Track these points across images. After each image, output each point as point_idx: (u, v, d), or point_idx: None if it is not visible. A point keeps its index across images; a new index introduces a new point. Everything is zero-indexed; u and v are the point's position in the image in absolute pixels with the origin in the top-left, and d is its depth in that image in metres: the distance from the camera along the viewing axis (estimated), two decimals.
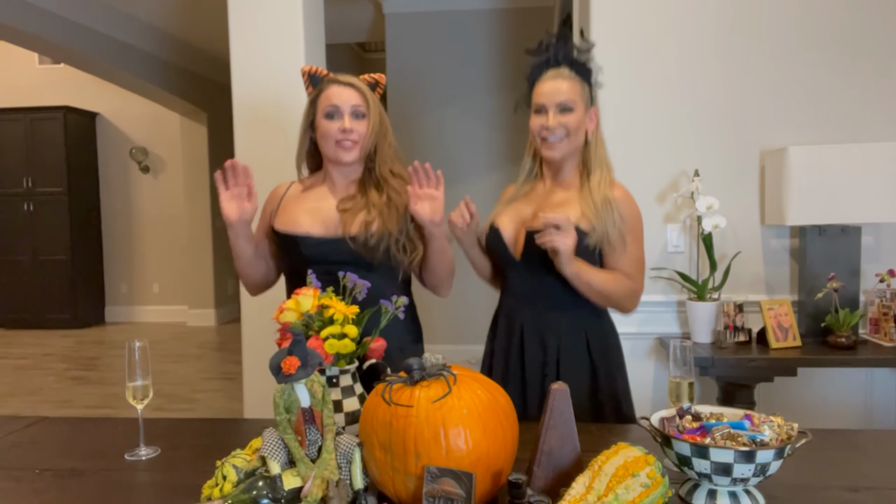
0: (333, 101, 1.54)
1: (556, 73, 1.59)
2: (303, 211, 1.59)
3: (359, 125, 1.55)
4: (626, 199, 1.58)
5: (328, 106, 1.54)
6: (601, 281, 1.53)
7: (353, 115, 1.55)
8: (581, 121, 1.58)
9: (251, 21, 2.67)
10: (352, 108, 1.55)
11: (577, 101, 1.57)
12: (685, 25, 2.58)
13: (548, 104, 1.57)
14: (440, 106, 4.95)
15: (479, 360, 5.82)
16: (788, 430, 1.05)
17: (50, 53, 4.94)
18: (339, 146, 1.55)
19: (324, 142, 1.57)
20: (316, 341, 1.22)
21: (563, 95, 1.56)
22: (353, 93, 1.55)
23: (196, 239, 7.28)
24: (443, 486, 0.93)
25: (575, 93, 1.57)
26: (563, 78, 1.58)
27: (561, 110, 1.56)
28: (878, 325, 2.44)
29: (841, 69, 2.55)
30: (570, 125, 1.56)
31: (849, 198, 2.36)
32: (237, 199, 1.49)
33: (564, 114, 1.56)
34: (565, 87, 1.57)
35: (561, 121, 1.56)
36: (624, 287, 1.56)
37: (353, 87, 1.56)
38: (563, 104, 1.56)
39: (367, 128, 1.56)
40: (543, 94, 1.58)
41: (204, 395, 4.66)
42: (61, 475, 1.24)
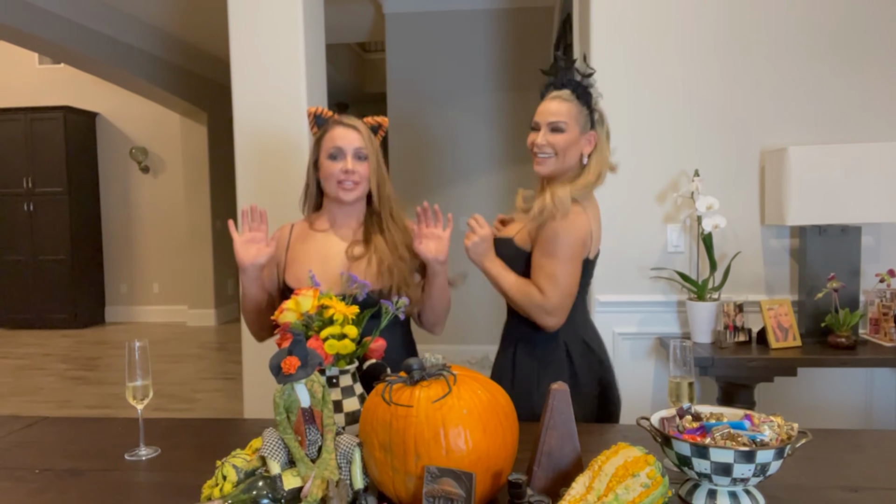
0: (337, 142, 1.59)
1: (557, 94, 1.68)
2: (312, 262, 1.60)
3: (361, 167, 1.59)
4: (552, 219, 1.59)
5: (332, 147, 1.59)
6: (507, 284, 1.63)
7: (355, 157, 1.59)
8: (572, 142, 1.65)
9: (251, 21, 2.67)
10: (354, 150, 1.59)
11: (569, 123, 1.64)
12: (685, 25, 2.58)
13: (541, 122, 1.67)
14: (440, 106, 4.95)
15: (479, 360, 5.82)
16: (788, 430, 1.05)
17: (50, 53, 4.94)
18: (340, 186, 1.58)
19: (326, 182, 1.61)
20: (316, 341, 1.23)
21: (555, 116, 1.65)
22: (356, 135, 1.60)
23: (196, 239, 7.28)
24: (443, 486, 0.93)
25: (569, 115, 1.65)
26: (561, 100, 1.66)
27: (552, 129, 1.65)
28: (878, 325, 2.44)
29: (841, 69, 2.55)
30: (557, 145, 1.65)
31: (849, 198, 2.36)
32: (252, 242, 1.53)
33: (554, 133, 1.65)
34: (560, 109, 1.65)
35: (549, 139, 1.65)
36: (528, 297, 1.60)
37: (356, 129, 1.61)
38: (555, 124, 1.65)
39: (368, 170, 1.60)
40: (539, 112, 1.69)
41: (204, 395, 4.66)
42: (61, 475, 1.24)
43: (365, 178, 1.60)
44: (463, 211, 4.92)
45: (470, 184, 4.91)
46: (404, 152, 4.95)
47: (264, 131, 2.69)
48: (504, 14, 4.89)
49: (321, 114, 1.65)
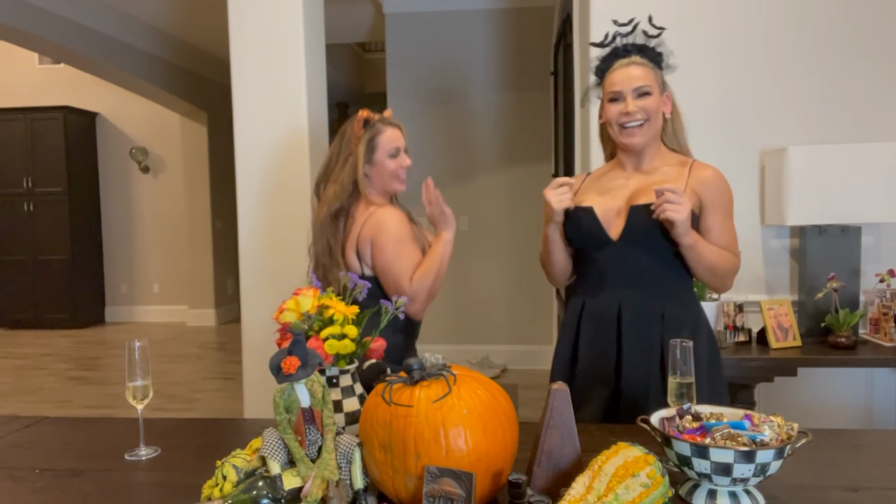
0: (397, 142, 1.85)
1: (629, 61, 1.59)
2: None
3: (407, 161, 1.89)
4: (718, 177, 1.58)
5: (393, 147, 1.84)
6: (713, 254, 1.52)
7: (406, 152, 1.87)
8: (658, 105, 1.58)
9: (251, 21, 2.67)
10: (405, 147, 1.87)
11: (652, 86, 1.57)
12: (685, 26, 2.58)
13: (625, 90, 1.56)
14: (440, 106, 4.95)
15: (479, 360, 5.80)
16: (788, 430, 1.05)
17: (50, 53, 4.94)
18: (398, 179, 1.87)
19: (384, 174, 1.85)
20: (316, 341, 1.22)
21: (639, 81, 1.56)
22: (401, 134, 1.88)
23: (196, 239, 7.28)
24: (443, 486, 0.93)
25: (650, 78, 1.57)
26: (636, 64, 1.58)
27: (638, 95, 1.56)
28: (878, 325, 2.44)
29: (841, 69, 2.55)
30: (649, 108, 1.56)
31: (849, 198, 2.36)
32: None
33: (643, 98, 1.56)
34: (640, 73, 1.57)
35: (640, 104, 1.56)
36: (730, 262, 1.56)
37: (401, 129, 1.89)
38: (640, 89, 1.56)
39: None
40: (618, 81, 1.57)
41: (204, 395, 4.66)
42: (61, 475, 1.24)
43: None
44: (463, 211, 4.93)
45: (470, 184, 4.91)
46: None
47: (264, 131, 2.69)
48: (504, 14, 4.89)
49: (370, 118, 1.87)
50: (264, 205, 2.69)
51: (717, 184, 1.57)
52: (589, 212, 1.59)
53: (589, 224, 1.58)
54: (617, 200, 1.60)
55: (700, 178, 1.56)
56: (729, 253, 1.56)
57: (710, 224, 1.56)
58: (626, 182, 1.62)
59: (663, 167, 1.61)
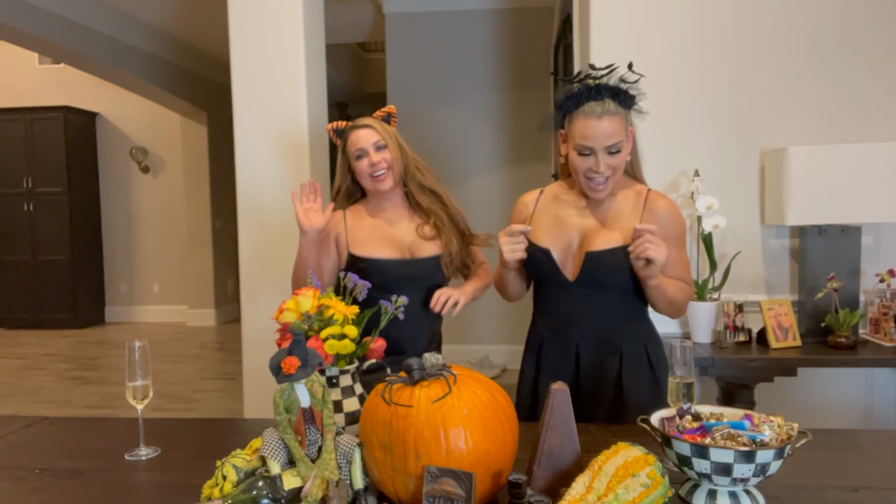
0: (358, 145, 1.80)
1: (602, 108, 1.48)
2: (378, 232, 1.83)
3: (384, 155, 1.79)
4: (673, 210, 1.57)
5: (356, 150, 1.80)
6: (674, 288, 1.54)
7: (376, 150, 1.79)
8: (626, 153, 1.54)
9: (251, 21, 2.67)
10: (373, 144, 1.79)
11: (623, 139, 1.51)
12: (685, 26, 2.58)
13: (595, 147, 1.49)
14: (440, 106, 4.95)
15: (479, 360, 5.80)
16: (788, 430, 1.05)
17: (50, 53, 4.94)
18: (374, 179, 1.79)
19: (363, 180, 1.82)
20: (316, 341, 1.23)
21: (611, 139, 1.49)
22: (370, 132, 1.80)
23: (196, 239, 7.28)
24: (443, 486, 0.93)
25: (621, 132, 1.50)
26: (609, 115, 1.48)
27: (609, 153, 1.50)
28: (878, 325, 2.44)
29: (841, 69, 2.55)
30: (618, 165, 1.52)
31: (849, 198, 2.36)
32: (310, 211, 1.73)
33: (612, 155, 1.50)
34: (612, 129, 1.49)
35: (609, 162, 1.50)
36: (687, 293, 1.59)
37: (368, 127, 1.81)
38: (613, 147, 1.50)
39: (393, 155, 1.80)
40: (590, 136, 1.49)
41: (204, 395, 4.66)
42: (61, 475, 1.24)
43: (389, 162, 1.79)
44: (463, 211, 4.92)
45: (470, 184, 4.91)
46: None
47: (264, 131, 2.69)
48: (504, 14, 4.89)
49: (338, 127, 1.86)
50: (264, 205, 2.69)
51: (672, 217, 1.56)
52: (546, 254, 1.57)
53: (546, 266, 1.58)
54: (570, 234, 1.59)
55: (655, 213, 1.55)
56: (684, 283, 1.58)
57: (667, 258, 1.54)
58: (579, 213, 1.60)
59: (618, 197, 1.59)
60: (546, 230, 1.61)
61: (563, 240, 1.59)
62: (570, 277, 1.56)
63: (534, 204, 1.69)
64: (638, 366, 1.58)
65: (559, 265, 1.57)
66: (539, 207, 1.68)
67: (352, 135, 1.82)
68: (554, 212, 1.64)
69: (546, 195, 1.69)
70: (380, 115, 1.87)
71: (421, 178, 1.87)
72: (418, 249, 1.82)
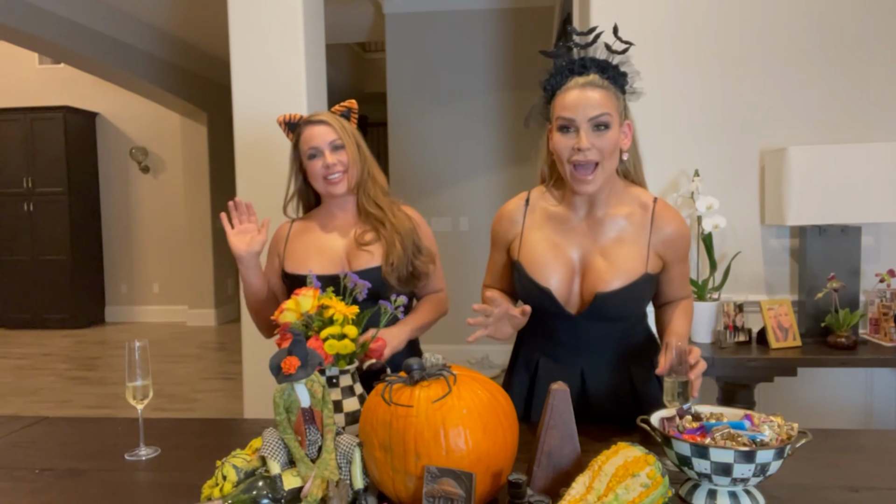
0: (312, 142, 1.61)
1: (586, 80, 1.32)
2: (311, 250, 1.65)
3: (340, 156, 1.61)
4: (681, 232, 1.42)
5: (309, 148, 1.61)
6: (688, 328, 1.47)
7: (331, 150, 1.61)
8: (617, 140, 1.33)
9: (251, 21, 2.67)
10: (329, 143, 1.61)
11: (612, 115, 1.31)
12: (685, 26, 2.58)
13: (578, 119, 1.30)
14: (440, 106, 4.95)
15: (479, 360, 5.79)
16: (788, 430, 1.05)
17: (50, 53, 4.94)
18: (327, 182, 1.61)
19: (314, 181, 1.64)
20: (316, 341, 1.22)
21: (596, 108, 1.29)
22: (326, 129, 1.61)
23: (196, 239, 7.28)
24: (443, 486, 0.93)
25: (610, 104, 1.31)
26: (594, 87, 1.31)
27: (595, 127, 1.30)
28: (878, 325, 2.44)
29: (841, 69, 2.55)
30: (605, 148, 1.31)
31: (849, 198, 2.36)
32: (244, 233, 1.58)
33: (599, 132, 1.31)
34: (598, 98, 1.30)
35: (595, 142, 1.30)
36: (691, 312, 1.52)
37: (325, 123, 1.62)
38: (598, 118, 1.30)
39: (348, 156, 1.62)
40: (571, 106, 1.31)
41: (204, 395, 4.66)
42: (61, 475, 1.24)
43: (346, 164, 1.61)
44: (462, 211, 4.93)
45: (470, 184, 4.91)
46: (404, 152, 4.95)
47: (264, 131, 2.68)
48: (504, 14, 4.89)
49: (290, 119, 1.66)
50: (264, 205, 2.68)
51: (681, 238, 1.42)
52: (547, 295, 1.39)
53: (547, 303, 1.41)
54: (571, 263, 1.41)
55: (663, 232, 1.40)
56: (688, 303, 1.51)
57: (673, 275, 1.46)
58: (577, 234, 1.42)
59: (619, 215, 1.41)
60: (541, 260, 1.41)
61: (564, 272, 1.40)
62: (574, 311, 1.41)
63: (521, 218, 1.48)
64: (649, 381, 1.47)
65: (562, 303, 1.40)
66: (528, 225, 1.47)
67: (305, 130, 1.62)
68: (545, 233, 1.44)
69: (534, 208, 1.48)
70: (338, 109, 1.68)
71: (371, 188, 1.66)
72: (355, 260, 1.61)
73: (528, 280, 1.42)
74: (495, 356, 4.92)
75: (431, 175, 4.89)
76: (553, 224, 1.45)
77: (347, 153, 1.62)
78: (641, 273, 1.38)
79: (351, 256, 1.62)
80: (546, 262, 1.41)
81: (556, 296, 1.39)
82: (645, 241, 1.39)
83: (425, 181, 4.89)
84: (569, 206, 1.44)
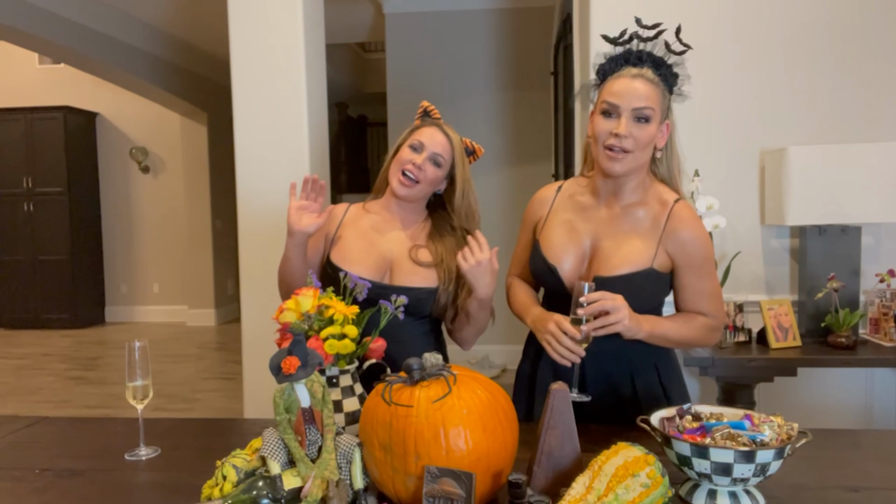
0: (423, 138, 1.59)
1: (638, 72, 1.37)
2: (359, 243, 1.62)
3: (430, 169, 1.58)
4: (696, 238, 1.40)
5: (417, 140, 1.59)
6: (676, 330, 1.40)
7: (430, 159, 1.58)
8: (654, 135, 1.37)
9: (251, 21, 2.67)
10: (433, 153, 1.58)
11: (655, 111, 1.35)
12: (685, 26, 2.57)
13: (622, 107, 1.34)
14: (440, 106, 4.90)
15: (479, 360, 5.79)
16: (788, 430, 1.05)
17: (50, 53, 4.94)
18: (401, 176, 1.58)
19: (394, 166, 1.61)
20: (316, 341, 1.22)
21: (642, 100, 1.33)
22: (444, 140, 1.60)
23: (196, 239, 7.28)
24: (443, 486, 0.93)
25: (656, 99, 1.35)
26: (644, 79, 1.36)
27: (636, 118, 1.34)
28: (878, 325, 2.44)
29: (841, 69, 2.55)
30: (642, 139, 1.35)
31: (849, 198, 2.36)
32: (305, 210, 1.54)
33: (640, 124, 1.34)
34: (646, 91, 1.34)
35: (634, 132, 1.34)
36: (699, 328, 1.42)
37: (447, 136, 1.60)
38: (641, 112, 1.34)
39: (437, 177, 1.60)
40: (618, 93, 1.35)
41: (204, 395, 4.66)
42: (61, 475, 1.24)
43: (428, 182, 1.59)
44: None
45: None
46: None
47: (264, 131, 2.69)
48: (504, 14, 4.89)
49: (430, 111, 1.66)
50: (264, 205, 2.69)
51: (694, 242, 1.40)
52: (553, 272, 1.44)
53: (552, 282, 1.46)
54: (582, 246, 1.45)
55: (675, 238, 1.39)
56: (697, 317, 1.42)
57: (685, 283, 1.42)
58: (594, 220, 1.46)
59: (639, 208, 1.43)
60: (557, 240, 1.47)
61: (574, 253, 1.45)
62: None
63: (551, 202, 1.54)
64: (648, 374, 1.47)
65: (567, 284, 1.43)
66: (555, 208, 1.53)
67: (430, 128, 1.61)
68: (567, 217, 1.49)
69: (563, 192, 1.54)
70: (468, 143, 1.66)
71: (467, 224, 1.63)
72: (399, 274, 1.58)
73: (540, 257, 1.47)
74: (495, 356, 4.92)
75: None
76: (577, 209, 1.49)
77: (439, 173, 1.60)
78: (646, 266, 1.39)
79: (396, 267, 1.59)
80: (560, 244, 1.46)
81: (564, 278, 1.43)
82: (656, 237, 1.41)
83: None
84: (594, 193, 1.48)
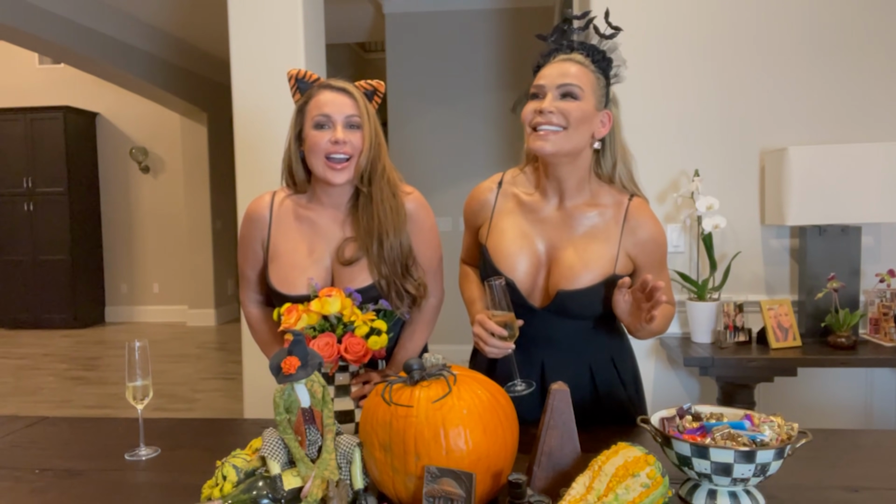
0: (325, 109, 1.34)
1: (567, 56, 1.34)
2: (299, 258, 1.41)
3: (353, 136, 1.35)
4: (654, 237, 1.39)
5: (318, 115, 1.34)
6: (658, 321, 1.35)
7: (346, 126, 1.35)
8: (587, 116, 1.31)
9: (251, 21, 2.67)
10: (346, 117, 1.35)
11: (585, 91, 1.30)
12: (685, 26, 2.58)
13: (547, 85, 1.31)
14: (440, 106, 4.95)
15: None
16: (788, 430, 1.05)
17: (50, 53, 4.94)
18: (329, 163, 1.34)
19: (313, 156, 1.36)
20: (352, 338, 1.22)
21: (567, 78, 1.30)
22: (347, 100, 1.35)
23: (196, 239, 7.28)
24: (443, 486, 0.93)
25: (585, 80, 1.31)
26: (573, 62, 1.32)
27: (563, 95, 1.30)
28: (878, 325, 2.44)
29: (840, 69, 2.55)
30: (570, 114, 1.28)
31: (849, 198, 2.36)
32: None
33: (566, 100, 1.30)
34: (573, 71, 1.31)
35: (560, 106, 1.29)
36: (670, 317, 1.44)
37: (347, 93, 1.36)
38: (567, 88, 1.29)
39: (363, 141, 1.36)
40: (544, 75, 1.33)
41: (204, 395, 4.66)
42: (61, 475, 1.24)
43: (358, 150, 1.35)
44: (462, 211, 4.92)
45: (470, 184, 4.88)
46: (404, 152, 4.95)
47: (264, 131, 2.68)
48: (504, 14, 4.89)
49: (304, 77, 1.40)
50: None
51: (654, 241, 1.39)
52: (510, 285, 1.36)
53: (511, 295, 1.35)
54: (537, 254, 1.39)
55: (635, 233, 1.37)
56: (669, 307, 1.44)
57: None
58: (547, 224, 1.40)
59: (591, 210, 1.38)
60: (508, 249, 1.39)
61: (528, 260, 1.38)
62: (537, 305, 1.38)
63: (492, 204, 1.45)
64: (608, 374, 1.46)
65: (524, 295, 1.38)
66: (498, 210, 1.44)
67: (321, 94, 1.36)
68: (515, 220, 1.41)
69: (506, 193, 1.45)
70: (364, 86, 1.42)
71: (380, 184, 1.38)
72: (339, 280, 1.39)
73: (492, 268, 1.39)
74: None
75: (431, 175, 4.89)
76: (524, 212, 1.42)
77: (363, 137, 1.35)
78: (609, 274, 1.35)
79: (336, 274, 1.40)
80: (512, 252, 1.38)
81: (520, 288, 1.37)
82: (616, 241, 1.37)
83: (425, 181, 4.88)
84: (542, 194, 1.42)
